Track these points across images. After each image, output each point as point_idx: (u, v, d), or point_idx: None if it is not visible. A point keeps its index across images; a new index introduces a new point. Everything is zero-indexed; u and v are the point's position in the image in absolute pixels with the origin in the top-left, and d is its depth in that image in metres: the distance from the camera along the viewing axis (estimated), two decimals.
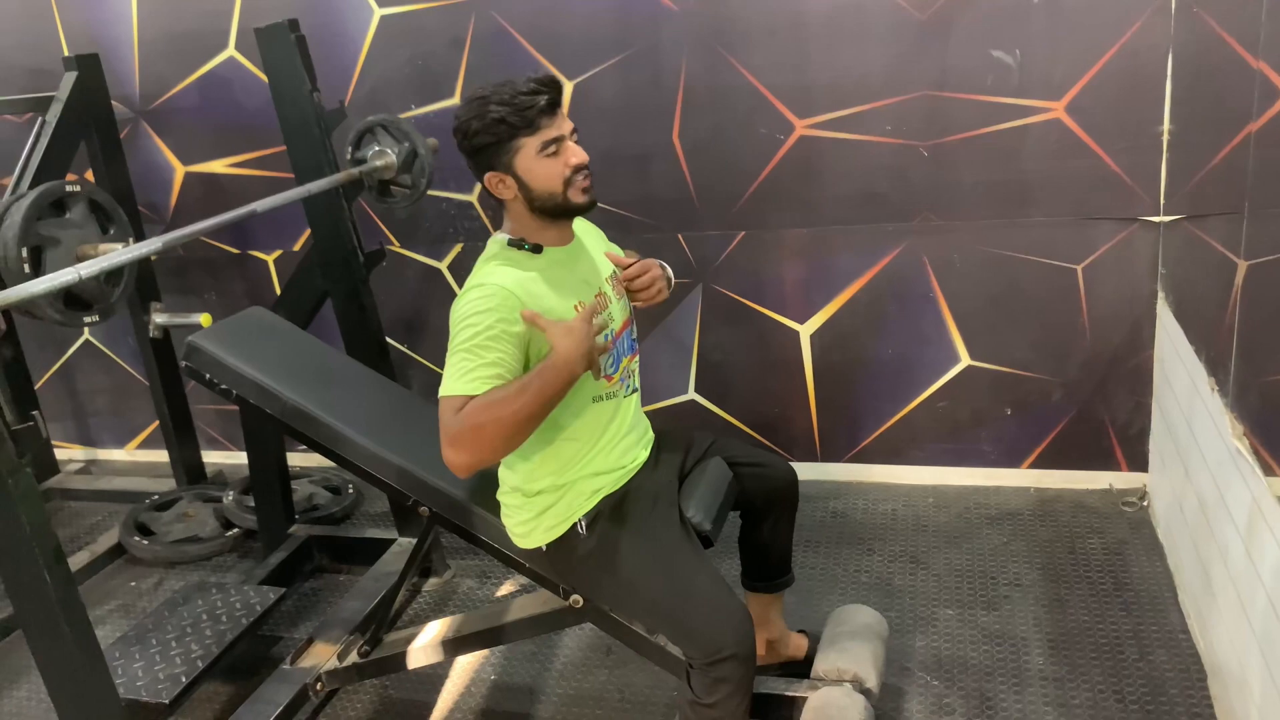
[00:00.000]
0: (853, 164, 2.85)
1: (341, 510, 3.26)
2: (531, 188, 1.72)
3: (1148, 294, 2.77)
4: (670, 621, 1.82)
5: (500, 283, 1.69)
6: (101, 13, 3.33)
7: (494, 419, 1.61)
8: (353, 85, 3.16)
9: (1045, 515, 2.90)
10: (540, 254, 1.79)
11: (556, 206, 1.75)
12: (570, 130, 1.72)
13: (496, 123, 1.67)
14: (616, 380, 1.86)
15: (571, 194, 1.73)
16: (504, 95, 1.67)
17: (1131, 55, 2.58)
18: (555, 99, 1.69)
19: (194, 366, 2.11)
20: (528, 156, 1.70)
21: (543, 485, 1.84)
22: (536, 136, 1.68)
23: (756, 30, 2.80)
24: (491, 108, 1.67)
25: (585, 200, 1.75)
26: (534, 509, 1.86)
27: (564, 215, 1.79)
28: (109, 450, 4.03)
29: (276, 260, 3.51)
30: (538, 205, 1.74)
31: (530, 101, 1.66)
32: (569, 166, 1.71)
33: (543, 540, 1.87)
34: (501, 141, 1.69)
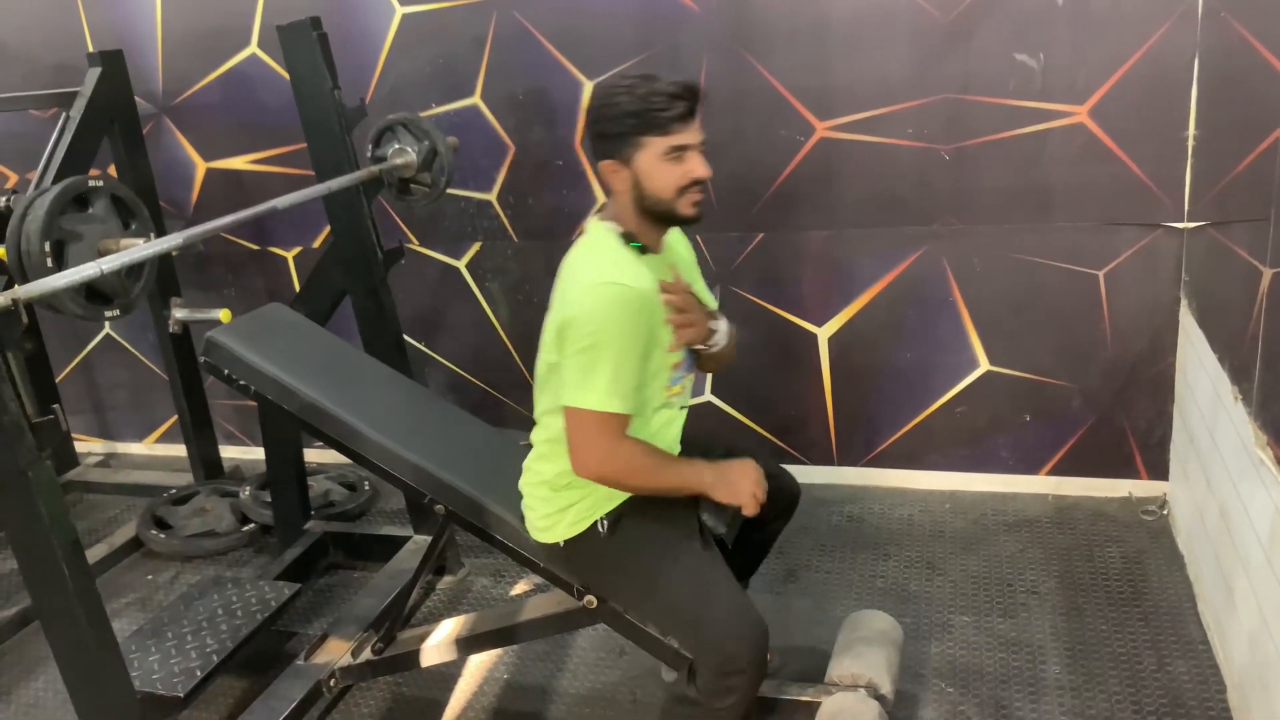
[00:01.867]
0: (873, 167, 2.84)
1: (357, 507, 3.27)
2: (645, 188, 1.70)
3: (1170, 301, 2.75)
4: (687, 627, 1.81)
5: (637, 287, 1.67)
6: (126, 9, 3.35)
7: (648, 468, 1.75)
8: (374, 83, 3.17)
9: (1063, 522, 2.87)
10: (644, 255, 1.77)
11: (663, 213, 1.73)
12: (700, 141, 1.70)
13: (629, 115, 1.66)
14: (677, 391, 1.87)
15: (681, 205, 1.71)
16: (644, 90, 1.65)
17: (1157, 60, 2.56)
18: (693, 107, 1.67)
19: (212, 362, 2.12)
20: (650, 157, 1.68)
21: (573, 482, 1.82)
22: (665, 139, 1.66)
23: (778, 32, 2.79)
24: (628, 100, 1.65)
25: (693, 213, 1.73)
26: (559, 504, 1.85)
27: (667, 222, 1.77)
28: (128, 444, 4.06)
29: (296, 257, 3.52)
30: (646, 206, 1.72)
31: (668, 104, 1.64)
32: (688, 178, 1.69)
33: (563, 535, 1.86)
34: (628, 135, 1.67)
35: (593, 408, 1.66)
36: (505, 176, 3.18)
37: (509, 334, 3.38)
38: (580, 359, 1.66)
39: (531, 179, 3.17)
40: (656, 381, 1.79)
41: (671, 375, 1.82)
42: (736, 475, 1.79)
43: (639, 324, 1.67)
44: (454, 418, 2.33)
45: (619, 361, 1.65)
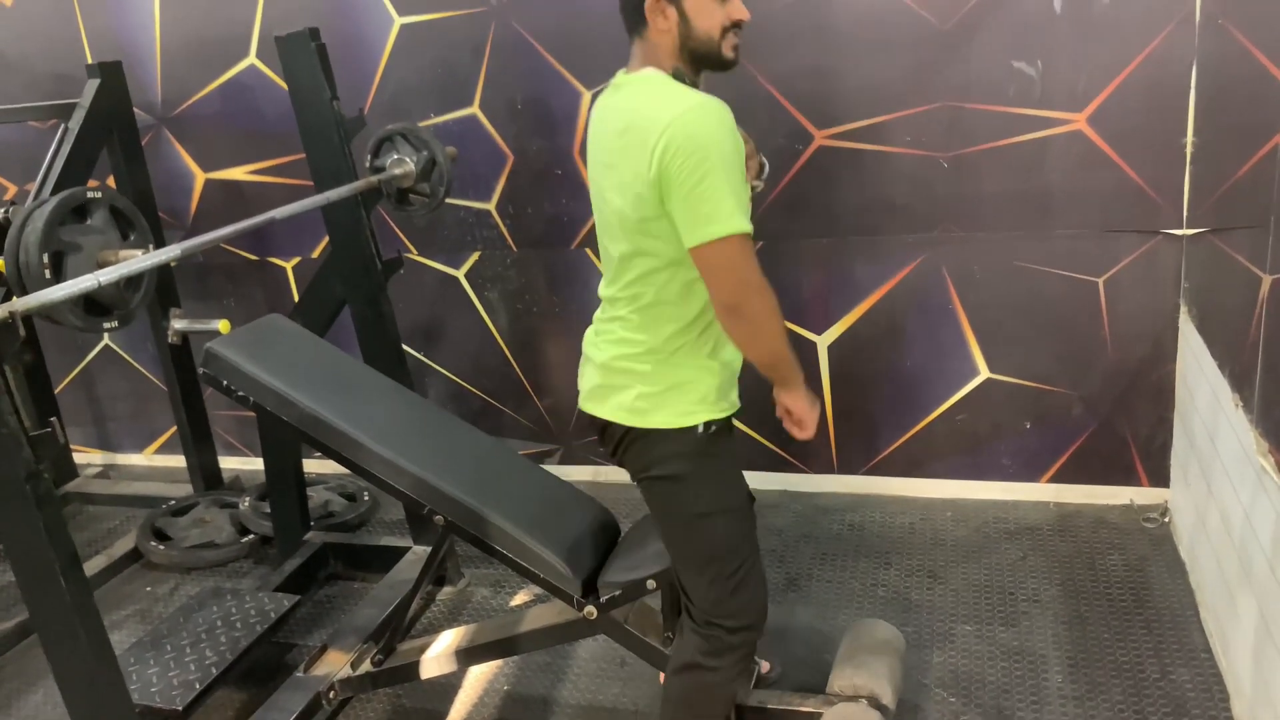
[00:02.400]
0: (872, 174, 2.84)
1: (357, 517, 3.27)
2: (693, 26, 1.61)
3: (1170, 308, 2.74)
4: (723, 576, 1.77)
5: (722, 102, 1.57)
6: (125, 20, 3.36)
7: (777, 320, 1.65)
8: (373, 92, 3.18)
9: (1065, 530, 2.87)
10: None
11: (708, 54, 1.64)
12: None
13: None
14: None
15: (725, 46, 1.64)
16: None
17: (1155, 67, 2.56)
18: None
19: (211, 373, 2.12)
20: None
21: (689, 360, 1.72)
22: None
23: (777, 40, 2.79)
24: None
25: (733, 56, 1.66)
26: (669, 379, 1.72)
27: (708, 66, 1.67)
28: (127, 455, 4.05)
29: (295, 267, 3.52)
30: (690, 46, 1.63)
31: None
32: (731, 18, 1.63)
33: (663, 423, 1.72)
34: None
35: (734, 231, 1.53)
36: (504, 186, 3.18)
37: (508, 343, 3.38)
38: (697, 190, 1.53)
39: (530, 188, 3.17)
40: None
41: None
42: (811, 401, 1.76)
43: (737, 139, 1.58)
44: (453, 428, 2.32)
45: (736, 179, 1.55)
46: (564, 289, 3.26)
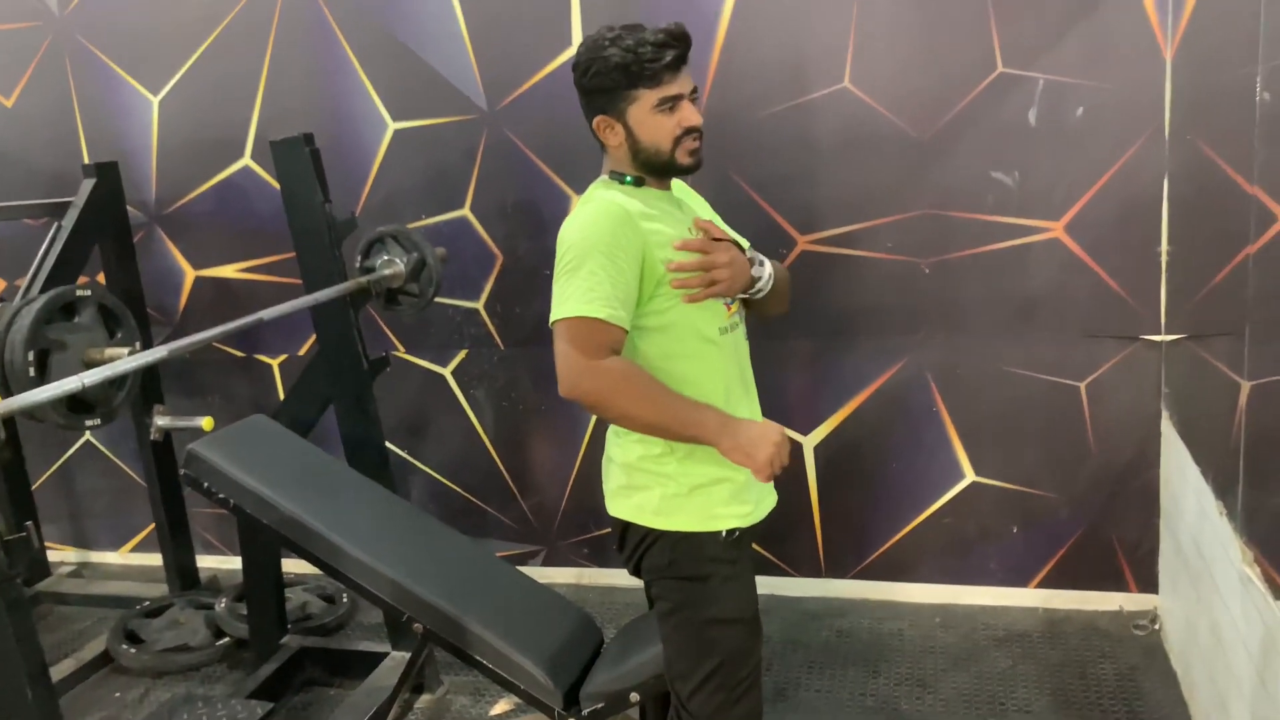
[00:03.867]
0: (855, 278, 2.89)
1: (335, 620, 3.20)
2: (640, 141, 1.66)
3: (1152, 413, 2.76)
4: (728, 685, 1.71)
5: (611, 199, 1.64)
6: (123, 121, 3.43)
7: (643, 392, 1.58)
8: (365, 194, 3.23)
9: (1054, 637, 2.83)
10: (641, 186, 1.72)
11: (661, 164, 1.68)
12: (691, 90, 1.66)
13: (617, 69, 1.61)
14: (734, 313, 1.77)
15: (679, 154, 1.67)
16: (631, 42, 1.60)
17: (1129, 177, 2.64)
18: (683, 55, 1.63)
19: (193, 474, 2.10)
20: (642, 109, 1.64)
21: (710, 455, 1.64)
22: (656, 91, 1.62)
23: (761, 149, 2.87)
24: (615, 53, 1.61)
25: (691, 162, 1.69)
26: (688, 481, 1.69)
27: (666, 173, 1.73)
28: (103, 552, 3.98)
29: (281, 364, 3.52)
30: (642, 159, 1.68)
31: (656, 54, 1.60)
32: (681, 126, 1.65)
33: (685, 526, 1.69)
34: (618, 89, 1.63)
35: (570, 313, 1.56)
36: (493, 285, 3.22)
37: (493, 441, 3.37)
38: (558, 281, 1.59)
39: (519, 288, 3.20)
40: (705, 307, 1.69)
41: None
42: (756, 436, 1.57)
43: (624, 234, 1.59)
44: (435, 532, 2.30)
45: (600, 268, 1.56)
46: (550, 388, 3.21)
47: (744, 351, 1.82)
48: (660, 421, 1.60)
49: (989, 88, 2.68)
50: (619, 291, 1.57)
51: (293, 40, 3.20)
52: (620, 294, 1.58)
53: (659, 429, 1.62)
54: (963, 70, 2.69)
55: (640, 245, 1.61)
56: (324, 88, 3.20)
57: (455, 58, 3.06)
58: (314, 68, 3.19)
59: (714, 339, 1.71)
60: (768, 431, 1.58)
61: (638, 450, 1.73)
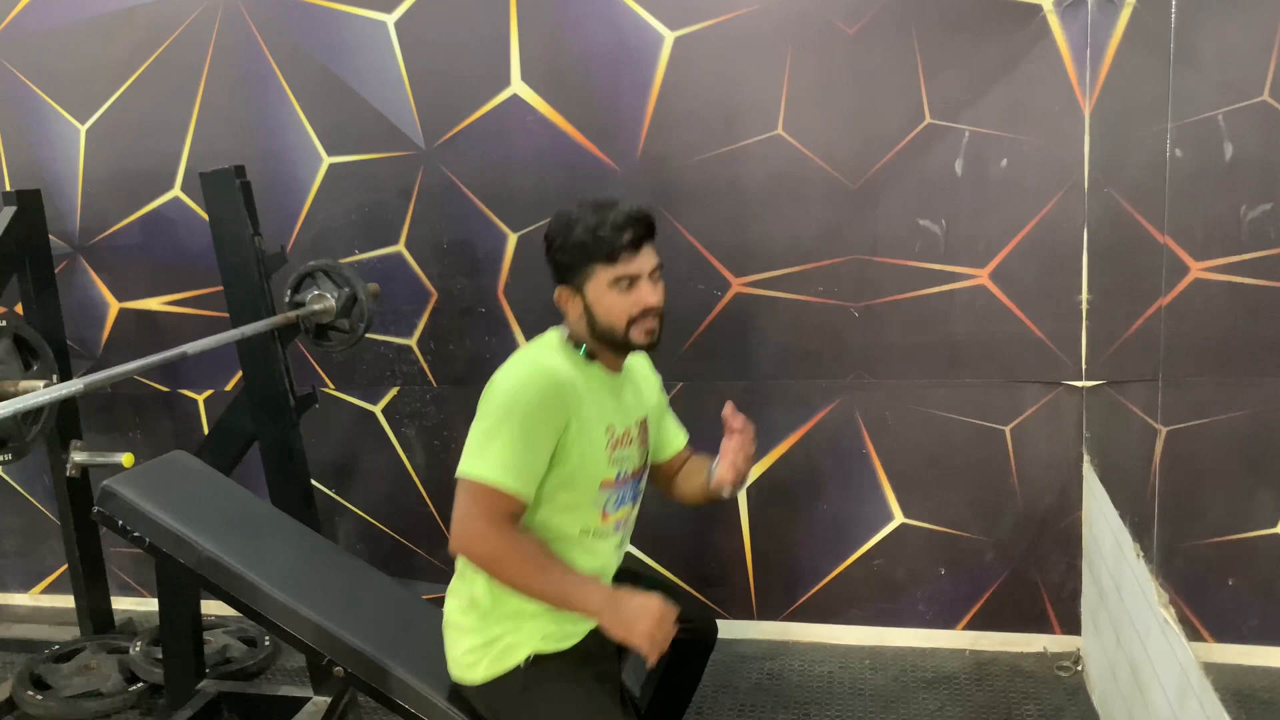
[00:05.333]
0: (787, 321, 2.92)
1: (256, 664, 3.09)
2: (596, 316, 1.72)
3: (1074, 457, 2.83)
4: None
5: (558, 369, 1.68)
6: (48, 149, 3.35)
7: (534, 565, 1.65)
8: (298, 228, 3.19)
9: (981, 679, 2.86)
10: (591, 362, 1.78)
11: (615, 341, 1.74)
12: (652, 269, 1.72)
13: (576, 245, 1.68)
14: (611, 521, 1.82)
15: (633, 333, 1.72)
16: (594, 220, 1.67)
17: (1050, 228, 2.72)
18: (642, 235, 1.69)
19: (107, 512, 2.03)
20: (599, 285, 1.69)
21: (502, 609, 1.74)
22: (612, 270, 1.68)
23: (696, 193, 2.90)
24: (579, 229, 1.68)
25: (646, 342, 1.74)
26: (484, 636, 1.76)
27: (621, 350, 1.78)
28: (11, 594, 3.81)
29: (207, 400, 3.44)
30: (598, 333, 1.74)
31: (614, 236, 1.66)
32: (638, 306, 1.70)
33: (485, 675, 1.76)
34: (578, 264, 1.70)
35: (481, 477, 1.62)
36: (426, 322, 3.19)
37: (424, 481, 3.32)
38: (482, 427, 1.65)
39: (453, 325, 3.18)
40: (583, 495, 1.74)
41: (602, 494, 1.77)
42: (635, 610, 1.64)
43: (551, 408, 1.64)
44: (359, 573, 2.25)
45: (520, 438, 1.62)
46: None
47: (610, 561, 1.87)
48: (545, 591, 1.67)
49: (917, 138, 2.75)
50: (531, 464, 1.64)
51: (227, 72, 3.16)
52: (531, 467, 1.64)
53: (542, 598, 1.68)
54: (892, 120, 2.76)
55: (563, 421, 1.66)
56: (258, 120, 3.17)
57: (393, 94, 3.06)
58: (248, 100, 3.16)
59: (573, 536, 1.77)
60: (649, 606, 1.64)
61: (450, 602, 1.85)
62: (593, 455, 1.73)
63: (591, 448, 1.72)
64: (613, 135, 2.93)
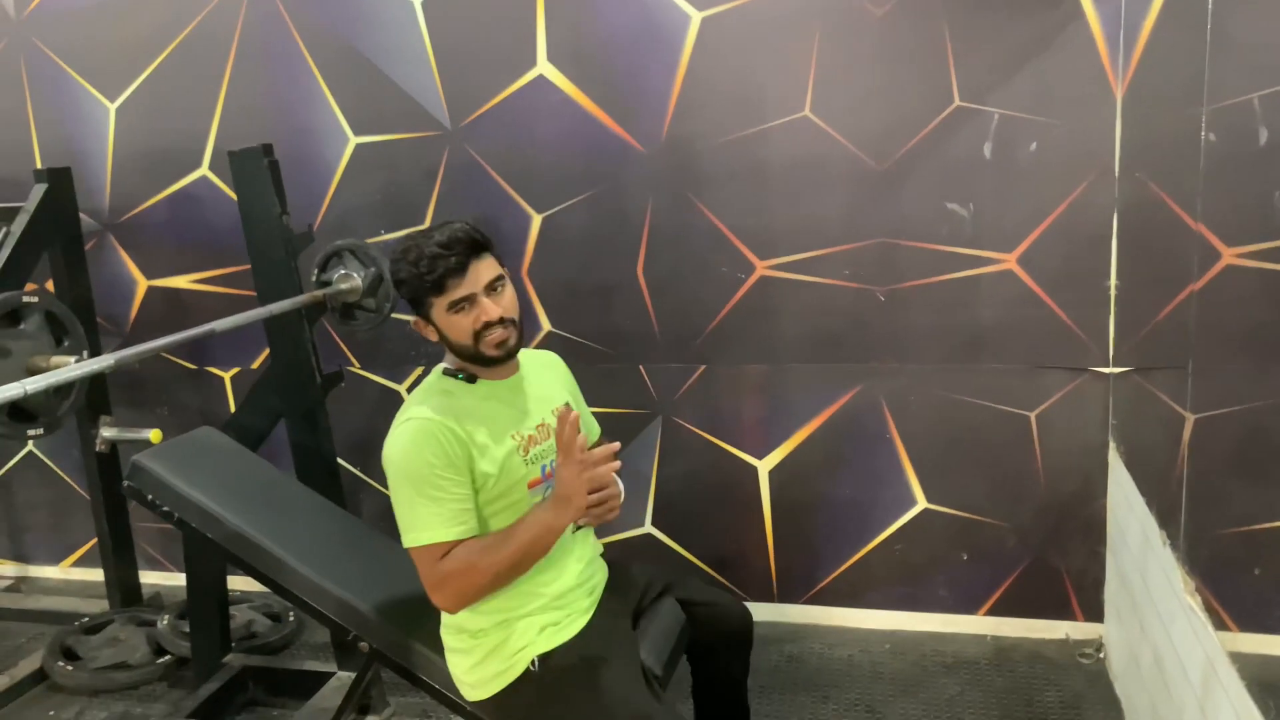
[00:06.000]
0: (811, 305, 2.91)
1: (280, 639, 3.14)
2: (447, 338, 1.79)
3: (1099, 443, 2.81)
4: None
5: (427, 416, 1.72)
6: (78, 127, 3.37)
7: (479, 565, 1.68)
8: (324, 208, 3.21)
9: (1002, 664, 2.85)
10: (475, 384, 1.82)
11: (471, 356, 1.79)
12: (487, 283, 1.75)
13: (406, 283, 1.75)
14: None
15: (483, 347, 1.77)
16: (414, 255, 1.72)
17: (1079, 212, 2.69)
18: (464, 259, 1.72)
19: (136, 486, 2.06)
20: (440, 313, 1.76)
21: (485, 623, 1.79)
22: (444, 297, 1.73)
23: (720, 174, 2.89)
24: (404, 268, 1.74)
25: (497, 354, 1.78)
26: (481, 651, 1.80)
27: (478, 364, 1.81)
28: (43, 567, 3.88)
29: (234, 377, 3.47)
30: (457, 352, 1.80)
31: (432, 266, 1.70)
32: (479, 322, 1.74)
33: (494, 689, 1.80)
34: (416, 299, 1.77)
35: (422, 543, 1.69)
36: None
37: None
38: (398, 501, 1.72)
39: None
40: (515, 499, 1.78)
41: (533, 492, 1.81)
42: (563, 488, 1.69)
43: (444, 455, 1.69)
44: (384, 550, 2.26)
45: (434, 495, 1.68)
46: None
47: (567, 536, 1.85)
48: (516, 557, 1.70)
49: (946, 120, 2.73)
50: (455, 509, 1.70)
51: (255, 51, 3.17)
52: (457, 510, 1.70)
53: (520, 562, 1.72)
54: (921, 102, 2.74)
55: (462, 456, 1.71)
56: (286, 99, 3.18)
57: (419, 74, 3.06)
58: (276, 79, 3.17)
59: None
60: (564, 477, 1.67)
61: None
62: (508, 465, 1.77)
63: (503, 460, 1.76)
64: (638, 116, 2.92)
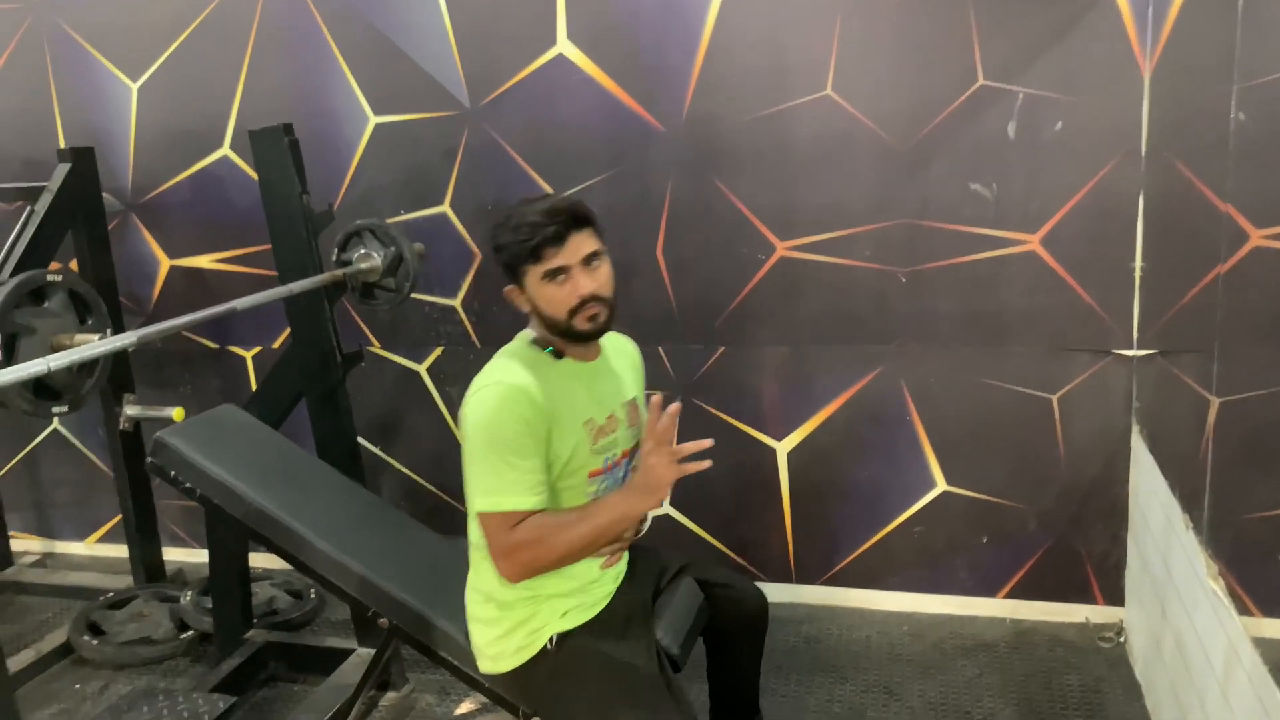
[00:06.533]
0: (832, 286, 2.89)
1: (302, 616, 3.17)
2: (540, 310, 1.76)
3: (1122, 427, 2.79)
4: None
5: (515, 383, 1.70)
6: (101, 108, 3.39)
7: (551, 540, 1.69)
8: (344, 188, 3.21)
9: (1021, 648, 2.84)
10: (560, 360, 1.81)
11: (561, 330, 1.77)
12: (585, 256, 1.72)
13: (505, 248, 1.74)
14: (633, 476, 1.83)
15: (576, 321, 1.74)
16: (514, 222, 1.72)
17: (1104, 194, 2.66)
18: (563, 229, 1.70)
19: (159, 463, 2.07)
20: (535, 282, 1.74)
21: (515, 596, 1.79)
22: (540, 265, 1.71)
23: (742, 154, 2.87)
24: (504, 232, 1.73)
25: (589, 328, 1.76)
26: (506, 625, 1.80)
27: (567, 338, 1.80)
28: (68, 543, 3.92)
29: (255, 356, 3.49)
30: (549, 326, 1.78)
31: (532, 234, 1.69)
32: (575, 296, 1.72)
33: (512, 664, 1.81)
34: (513, 265, 1.75)
35: (493, 509, 1.69)
36: (470, 283, 3.20)
37: None
38: (473, 461, 1.70)
39: (497, 287, 3.13)
40: (575, 487, 1.79)
41: (592, 483, 1.81)
42: (651, 478, 1.71)
43: (529, 424, 1.68)
44: (404, 526, 2.28)
45: (512, 461, 1.68)
46: None
47: None
48: (588, 538, 1.72)
49: (970, 100, 2.70)
50: (530, 477, 1.69)
51: (276, 31, 3.17)
52: (532, 479, 1.69)
53: (591, 543, 1.74)
54: (944, 81, 2.71)
55: (544, 429, 1.71)
56: (306, 79, 3.18)
57: (439, 54, 3.05)
58: (296, 59, 3.17)
59: None
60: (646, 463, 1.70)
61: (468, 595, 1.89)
62: (578, 451, 1.77)
63: (575, 444, 1.76)
64: (659, 96, 2.90)
